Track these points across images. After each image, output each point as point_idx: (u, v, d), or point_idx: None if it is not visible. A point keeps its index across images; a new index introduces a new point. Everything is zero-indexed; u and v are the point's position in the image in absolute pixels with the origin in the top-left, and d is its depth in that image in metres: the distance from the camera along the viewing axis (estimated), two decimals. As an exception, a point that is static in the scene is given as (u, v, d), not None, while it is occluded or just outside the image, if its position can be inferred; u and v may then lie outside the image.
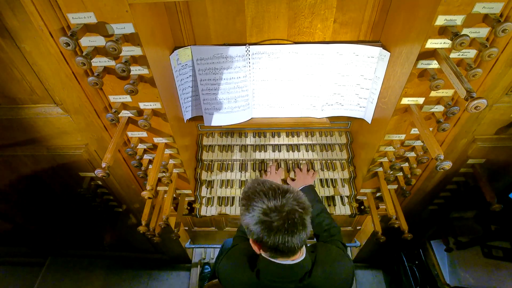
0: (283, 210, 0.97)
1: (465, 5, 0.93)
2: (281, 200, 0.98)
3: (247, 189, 1.06)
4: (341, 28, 1.37)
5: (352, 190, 1.86)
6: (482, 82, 1.18)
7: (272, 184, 1.04)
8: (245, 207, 1.02)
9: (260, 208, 0.98)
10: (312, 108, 1.67)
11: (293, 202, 0.98)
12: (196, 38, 1.41)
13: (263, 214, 0.97)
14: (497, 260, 2.18)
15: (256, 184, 1.05)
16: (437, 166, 1.09)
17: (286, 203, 0.98)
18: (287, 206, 0.97)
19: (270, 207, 0.97)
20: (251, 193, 1.03)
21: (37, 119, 1.42)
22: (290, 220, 0.96)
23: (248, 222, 1.01)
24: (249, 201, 1.02)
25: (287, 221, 0.95)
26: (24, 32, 1.06)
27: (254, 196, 1.01)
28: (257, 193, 1.01)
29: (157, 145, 1.50)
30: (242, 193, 1.08)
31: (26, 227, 2.51)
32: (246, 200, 1.03)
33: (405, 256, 2.62)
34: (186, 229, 2.74)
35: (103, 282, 3.06)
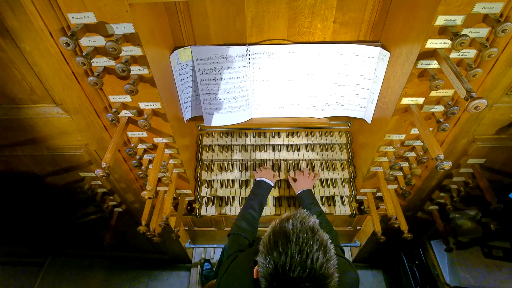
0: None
1: (465, 5, 0.93)
2: (302, 275, 0.78)
3: (277, 225, 0.90)
4: (341, 28, 1.37)
5: (352, 190, 1.86)
6: (482, 82, 1.18)
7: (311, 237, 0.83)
8: (266, 247, 0.87)
9: (272, 267, 0.81)
10: (312, 108, 1.67)
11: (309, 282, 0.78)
12: (196, 38, 1.41)
13: (271, 282, 0.82)
14: (497, 260, 2.18)
15: (291, 225, 0.87)
16: (437, 166, 1.09)
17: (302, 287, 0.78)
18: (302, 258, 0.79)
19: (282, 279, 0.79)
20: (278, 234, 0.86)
21: (37, 119, 1.41)
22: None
23: (259, 261, 0.89)
24: (271, 245, 0.85)
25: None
26: (24, 32, 1.06)
27: (276, 243, 0.84)
28: (283, 240, 0.83)
29: (157, 145, 1.50)
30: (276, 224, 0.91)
31: (26, 227, 2.51)
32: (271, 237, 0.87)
33: (405, 256, 2.62)
34: (186, 229, 2.74)
35: (103, 282, 3.06)
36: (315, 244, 0.82)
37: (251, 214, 1.50)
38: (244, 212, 1.52)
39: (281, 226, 0.88)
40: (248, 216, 1.49)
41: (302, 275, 0.77)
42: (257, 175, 1.76)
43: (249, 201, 1.59)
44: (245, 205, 1.58)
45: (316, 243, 0.82)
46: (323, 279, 0.79)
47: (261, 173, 1.76)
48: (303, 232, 0.84)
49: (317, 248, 0.81)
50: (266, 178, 1.71)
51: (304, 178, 1.78)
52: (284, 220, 0.90)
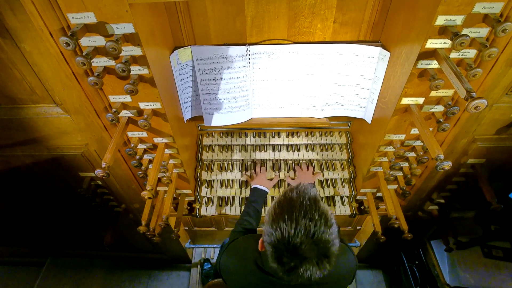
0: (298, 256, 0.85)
1: (465, 5, 0.93)
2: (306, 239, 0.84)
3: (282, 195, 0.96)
4: (341, 28, 1.37)
5: (352, 190, 1.86)
6: (482, 82, 1.18)
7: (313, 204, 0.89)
8: (271, 217, 0.92)
9: (279, 233, 0.87)
10: (312, 108, 1.67)
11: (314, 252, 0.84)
12: (196, 38, 1.41)
13: (277, 247, 0.87)
14: (497, 260, 2.18)
15: (295, 194, 0.93)
16: (437, 166, 1.09)
17: (305, 249, 0.84)
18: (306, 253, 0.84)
19: (287, 244, 0.85)
20: (283, 203, 0.92)
21: (37, 119, 1.41)
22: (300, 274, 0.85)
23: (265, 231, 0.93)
24: (276, 214, 0.90)
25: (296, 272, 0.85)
26: (24, 32, 1.06)
27: (282, 210, 0.90)
28: (288, 208, 0.90)
29: (157, 145, 1.50)
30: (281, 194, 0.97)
31: (26, 227, 2.51)
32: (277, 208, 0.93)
33: (405, 256, 2.62)
34: (186, 229, 2.74)
35: (103, 282, 3.06)
36: (317, 211, 0.88)
37: (247, 220, 1.52)
38: (241, 220, 1.54)
39: (285, 196, 0.95)
40: (245, 223, 1.51)
41: (306, 238, 0.84)
42: (252, 182, 1.76)
43: (245, 208, 1.61)
44: (242, 213, 1.60)
45: (317, 211, 0.89)
46: (325, 243, 0.86)
47: (255, 180, 1.76)
48: (306, 200, 0.90)
49: (319, 214, 0.88)
50: (260, 185, 1.71)
51: (304, 173, 1.77)
52: (288, 190, 0.97)
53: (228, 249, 1.29)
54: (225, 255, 1.27)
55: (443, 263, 2.31)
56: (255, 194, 1.67)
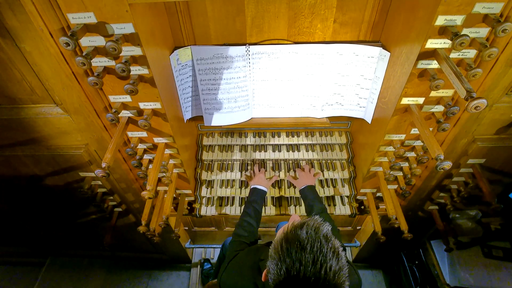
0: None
1: (465, 5, 0.93)
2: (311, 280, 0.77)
3: (290, 231, 0.87)
4: (341, 28, 1.37)
5: (352, 190, 1.86)
6: (482, 82, 1.18)
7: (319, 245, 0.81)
8: (277, 254, 0.85)
9: (284, 274, 0.81)
10: (312, 108, 1.67)
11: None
12: (196, 38, 1.41)
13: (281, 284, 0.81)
14: (497, 260, 2.18)
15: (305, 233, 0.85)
16: (437, 166, 1.09)
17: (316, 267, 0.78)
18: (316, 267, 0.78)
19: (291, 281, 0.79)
20: (291, 240, 0.84)
21: (37, 119, 1.41)
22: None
23: (269, 266, 0.87)
24: (283, 252, 0.83)
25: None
26: (24, 32, 1.06)
27: (290, 249, 0.82)
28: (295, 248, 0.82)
29: (157, 145, 1.50)
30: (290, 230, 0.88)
31: (26, 227, 2.51)
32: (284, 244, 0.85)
33: (405, 256, 2.62)
34: (186, 229, 2.74)
35: (103, 282, 3.06)
36: (329, 253, 0.81)
37: (247, 221, 1.52)
38: (241, 221, 1.54)
39: (294, 233, 0.86)
40: (245, 223, 1.51)
41: (316, 284, 0.77)
42: (251, 182, 1.77)
43: (245, 209, 1.61)
44: (242, 213, 1.60)
45: (330, 252, 0.81)
46: (335, 287, 0.79)
47: (254, 180, 1.76)
48: (317, 241, 0.82)
49: (330, 257, 0.80)
50: (259, 185, 1.71)
51: (306, 174, 1.78)
52: (298, 227, 0.88)
53: (229, 267, 1.26)
54: (226, 273, 1.25)
55: (443, 263, 2.31)
56: (254, 194, 1.67)
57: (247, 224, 1.51)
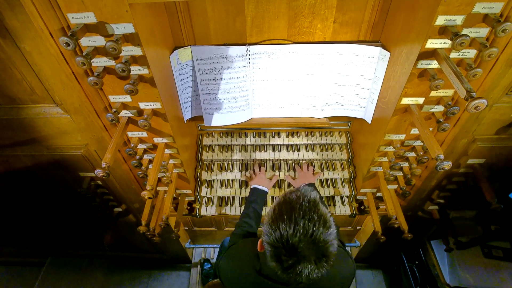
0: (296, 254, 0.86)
1: (465, 5, 0.93)
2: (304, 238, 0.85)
3: (282, 197, 0.97)
4: (341, 28, 1.37)
5: (352, 190, 1.86)
6: (482, 82, 1.18)
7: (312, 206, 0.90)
8: (270, 218, 0.93)
9: (278, 233, 0.88)
10: (312, 108, 1.67)
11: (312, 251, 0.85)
12: (196, 38, 1.41)
13: (276, 246, 0.89)
14: (497, 260, 2.18)
15: (295, 196, 0.94)
16: (437, 166, 1.09)
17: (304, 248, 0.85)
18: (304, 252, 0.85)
19: (286, 243, 0.86)
20: (283, 204, 0.93)
21: (37, 119, 1.42)
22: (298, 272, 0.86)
23: (265, 232, 0.94)
24: (276, 215, 0.92)
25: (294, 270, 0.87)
26: (24, 32, 1.06)
27: (282, 211, 0.91)
28: (287, 209, 0.91)
29: (157, 145, 1.50)
30: (281, 196, 0.98)
31: (26, 227, 2.51)
32: (277, 209, 0.93)
33: (405, 256, 2.62)
34: (186, 229, 2.74)
35: (103, 282, 3.06)
36: (316, 213, 0.89)
37: (247, 222, 1.52)
38: (240, 222, 1.54)
39: (285, 198, 0.96)
40: (244, 224, 1.51)
41: (304, 237, 0.85)
42: (251, 182, 1.76)
43: (245, 210, 1.60)
44: (242, 214, 1.59)
45: (316, 213, 0.90)
46: (323, 243, 0.87)
47: (254, 180, 1.75)
48: (306, 202, 0.91)
49: (318, 216, 0.89)
50: (260, 185, 1.70)
51: (304, 173, 1.77)
52: (288, 193, 0.98)
53: (227, 253, 1.30)
54: (224, 259, 1.28)
55: (443, 263, 2.31)
56: (254, 195, 1.66)
57: (247, 225, 1.50)
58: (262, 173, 1.81)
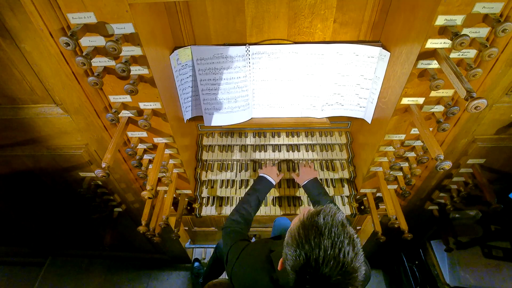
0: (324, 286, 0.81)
1: (465, 5, 0.93)
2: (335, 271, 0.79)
3: (307, 218, 0.89)
4: (341, 28, 1.37)
5: (352, 190, 1.86)
6: (482, 82, 1.18)
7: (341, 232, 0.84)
8: (295, 241, 0.87)
9: (303, 259, 0.82)
10: (312, 108, 1.67)
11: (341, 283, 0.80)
12: (196, 38, 1.41)
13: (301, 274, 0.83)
14: (497, 260, 2.18)
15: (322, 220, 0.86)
16: (437, 166, 1.09)
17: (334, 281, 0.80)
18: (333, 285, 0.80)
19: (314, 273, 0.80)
20: (309, 227, 0.86)
21: (37, 119, 1.42)
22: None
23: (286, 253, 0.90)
24: (301, 239, 0.85)
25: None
26: (24, 32, 1.06)
27: (308, 235, 0.84)
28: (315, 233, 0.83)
29: (157, 145, 1.50)
30: (306, 218, 0.90)
31: (26, 227, 2.51)
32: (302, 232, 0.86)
33: (405, 256, 2.62)
34: (186, 229, 2.74)
35: (103, 282, 3.06)
36: (346, 239, 0.83)
37: (246, 209, 1.50)
38: (239, 207, 1.52)
39: (311, 220, 0.88)
40: (243, 211, 1.49)
41: (335, 268, 0.79)
42: (261, 171, 1.76)
43: (247, 196, 1.59)
44: (242, 199, 1.58)
45: (347, 238, 0.83)
46: (352, 272, 0.81)
47: (264, 170, 1.75)
48: (335, 227, 0.85)
49: (348, 242, 0.82)
50: (269, 176, 1.70)
51: (307, 169, 1.77)
52: (314, 214, 0.90)
53: (240, 259, 1.25)
54: (237, 265, 1.25)
55: (443, 263, 2.31)
56: (261, 183, 1.65)
57: (246, 212, 1.49)
58: (274, 167, 1.81)
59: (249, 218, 1.49)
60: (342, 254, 0.80)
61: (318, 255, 0.80)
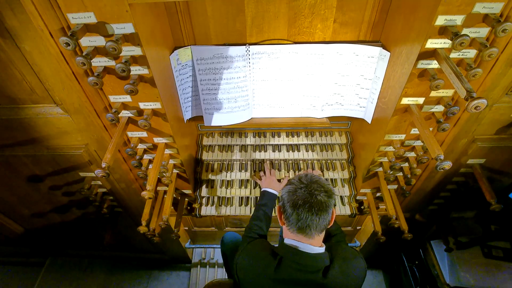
0: (309, 189, 1.15)
1: (465, 5, 0.93)
2: (310, 184, 1.16)
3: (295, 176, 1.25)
4: (341, 28, 1.37)
5: (352, 190, 1.86)
6: (482, 82, 1.18)
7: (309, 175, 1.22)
8: (285, 186, 1.23)
9: (293, 184, 1.18)
10: (312, 108, 1.67)
11: (318, 187, 1.16)
12: (196, 38, 1.41)
13: (293, 191, 1.16)
14: (497, 260, 2.18)
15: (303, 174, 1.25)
16: (437, 166, 1.09)
17: (313, 186, 1.15)
18: (313, 187, 1.15)
19: (300, 185, 1.16)
20: (294, 177, 1.24)
21: (37, 119, 1.42)
22: (313, 199, 1.11)
23: (282, 195, 1.21)
24: (291, 182, 1.21)
25: (310, 198, 1.11)
26: (24, 32, 1.06)
27: (293, 180, 1.21)
28: (298, 178, 1.21)
29: (157, 145, 1.50)
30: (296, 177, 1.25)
31: (26, 227, 2.51)
32: (288, 181, 1.24)
33: (405, 256, 2.62)
34: (186, 229, 2.74)
35: (103, 282, 3.07)
36: (323, 180, 1.20)
37: (257, 225, 1.52)
38: (251, 225, 1.53)
39: (299, 176, 1.23)
40: (255, 227, 1.51)
41: (320, 189, 1.15)
42: (262, 184, 1.75)
43: (255, 212, 1.60)
44: (251, 217, 1.59)
45: (320, 179, 1.21)
46: (332, 193, 1.17)
47: (266, 182, 1.74)
48: (312, 175, 1.22)
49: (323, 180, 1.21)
50: (270, 188, 1.70)
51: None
52: (298, 174, 1.26)
53: (245, 250, 1.32)
54: (242, 256, 1.31)
55: (443, 263, 2.31)
56: (265, 198, 1.66)
57: (257, 227, 1.50)
58: (273, 175, 1.80)
59: (261, 233, 1.50)
60: (322, 183, 1.18)
61: (311, 187, 1.16)
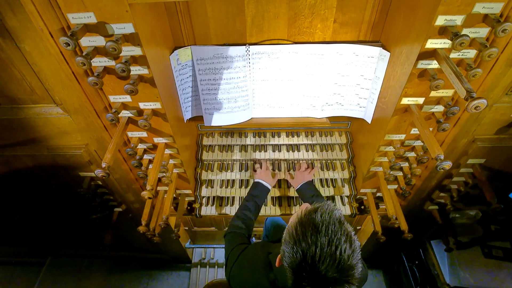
0: (320, 283, 0.80)
1: (465, 5, 0.93)
2: (331, 268, 0.79)
3: (304, 215, 0.89)
4: (341, 28, 1.37)
5: (352, 190, 1.86)
6: (482, 82, 1.18)
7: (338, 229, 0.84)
8: (292, 238, 0.86)
9: (300, 256, 0.82)
10: (312, 108, 1.67)
11: (338, 280, 0.80)
12: (196, 38, 1.41)
13: (298, 271, 0.83)
14: (497, 260, 2.18)
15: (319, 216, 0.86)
16: (437, 166, 1.09)
17: (330, 277, 0.79)
18: (330, 281, 0.80)
19: (310, 270, 0.80)
20: (306, 224, 0.86)
21: (37, 119, 1.42)
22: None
23: (284, 250, 0.89)
24: (298, 236, 0.85)
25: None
26: (24, 32, 1.06)
27: (305, 232, 0.84)
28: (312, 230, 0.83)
29: (157, 145, 1.50)
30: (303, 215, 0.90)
31: (26, 227, 2.51)
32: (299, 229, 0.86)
33: (405, 256, 2.62)
34: (186, 229, 2.74)
35: (103, 282, 3.06)
36: (343, 236, 0.83)
37: (246, 215, 1.51)
38: (239, 213, 1.53)
39: (308, 217, 0.88)
40: (243, 216, 1.50)
41: (332, 266, 0.79)
42: (256, 176, 1.76)
43: (245, 202, 1.59)
44: (241, 206, 1.58)
45: (344, 235, 0.83)
46: (349, 270, 0.81)
47: (260, 175, 1.75)
48: (332, 224, 0.84)
49: (345, 240, 0.82)
50: (264, 181, 1.70)
51: (300, 172, 1.77)
52: (312, 211, 0.90)
53: (238, 261, 1.26)
54: (235, 267, 1.25)
55: (443, 263, 2.31)
56: (258, 189, 1.66)
57: (246, 218, 1.49)
58: (268, 170, 1.81)
59: (249, 223, 1.49)
60: (339, 251, 0.80)
61: (314, 252, 0.80)
